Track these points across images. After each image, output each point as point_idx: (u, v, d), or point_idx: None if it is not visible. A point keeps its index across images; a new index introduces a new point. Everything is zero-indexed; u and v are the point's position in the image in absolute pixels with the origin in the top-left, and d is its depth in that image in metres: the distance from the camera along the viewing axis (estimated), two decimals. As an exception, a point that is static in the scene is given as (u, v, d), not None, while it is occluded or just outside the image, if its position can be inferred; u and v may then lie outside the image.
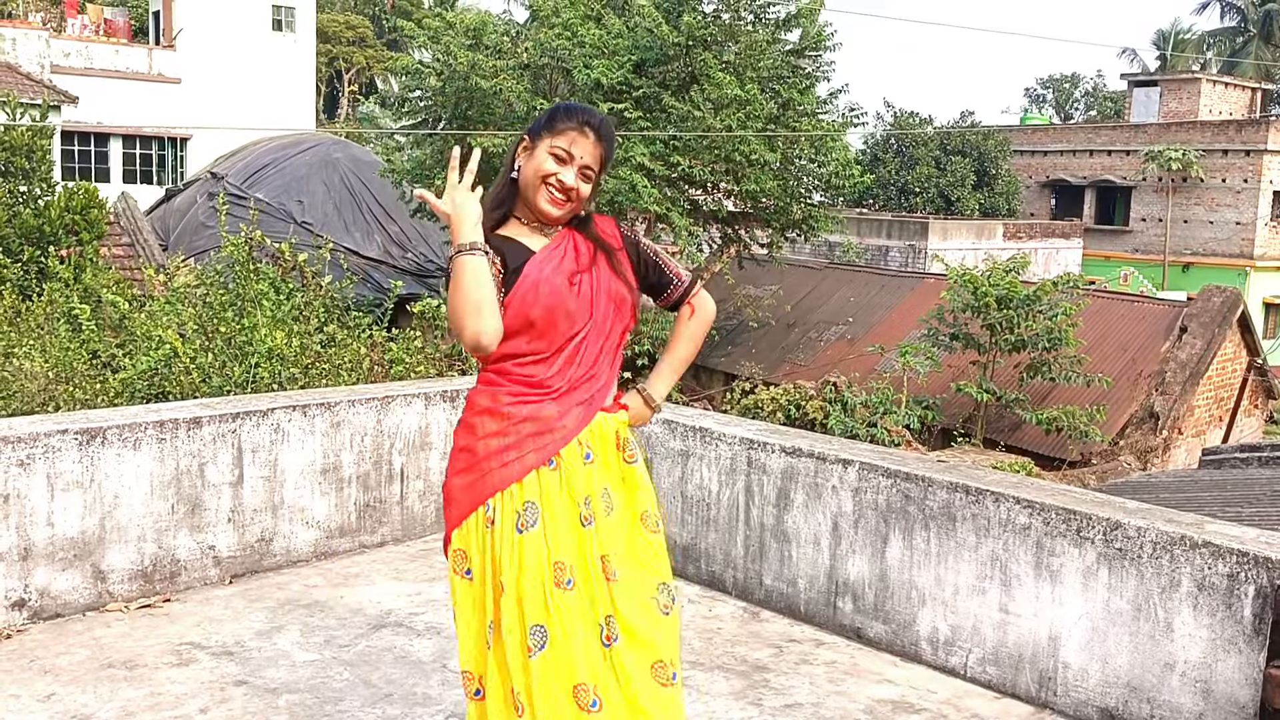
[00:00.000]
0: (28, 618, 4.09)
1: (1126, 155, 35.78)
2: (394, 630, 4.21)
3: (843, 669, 4.05)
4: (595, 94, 17.09)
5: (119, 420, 4.29)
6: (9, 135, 15.01)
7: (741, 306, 20.67)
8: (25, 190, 15.04)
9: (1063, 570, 3.76)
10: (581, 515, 2.54)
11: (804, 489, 4.45)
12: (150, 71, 28.26)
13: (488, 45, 18.75)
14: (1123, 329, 17.75)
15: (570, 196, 2.58)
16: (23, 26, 26.36)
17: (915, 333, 18.01)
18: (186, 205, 23.53)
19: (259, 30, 29.53)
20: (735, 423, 5.01)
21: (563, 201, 2.58)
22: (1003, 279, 16.10)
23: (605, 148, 2.59)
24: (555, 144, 2.56)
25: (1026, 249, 27.17)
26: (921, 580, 4.09)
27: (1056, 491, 3.99)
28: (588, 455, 2.58)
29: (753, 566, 4.64)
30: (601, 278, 2.62)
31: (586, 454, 2.58)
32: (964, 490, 3.97)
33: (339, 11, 47.84)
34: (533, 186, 2.58)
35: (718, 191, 19.13)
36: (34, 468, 4.06)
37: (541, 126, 2.61)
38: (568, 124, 2.57)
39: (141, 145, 27.93)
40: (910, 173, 35.69)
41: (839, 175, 19.20)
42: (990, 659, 3.93)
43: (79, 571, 4.20)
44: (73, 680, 3.68)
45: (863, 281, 22.23)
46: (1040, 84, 62.61)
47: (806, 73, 18.77)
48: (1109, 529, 3.66)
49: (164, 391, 8.55)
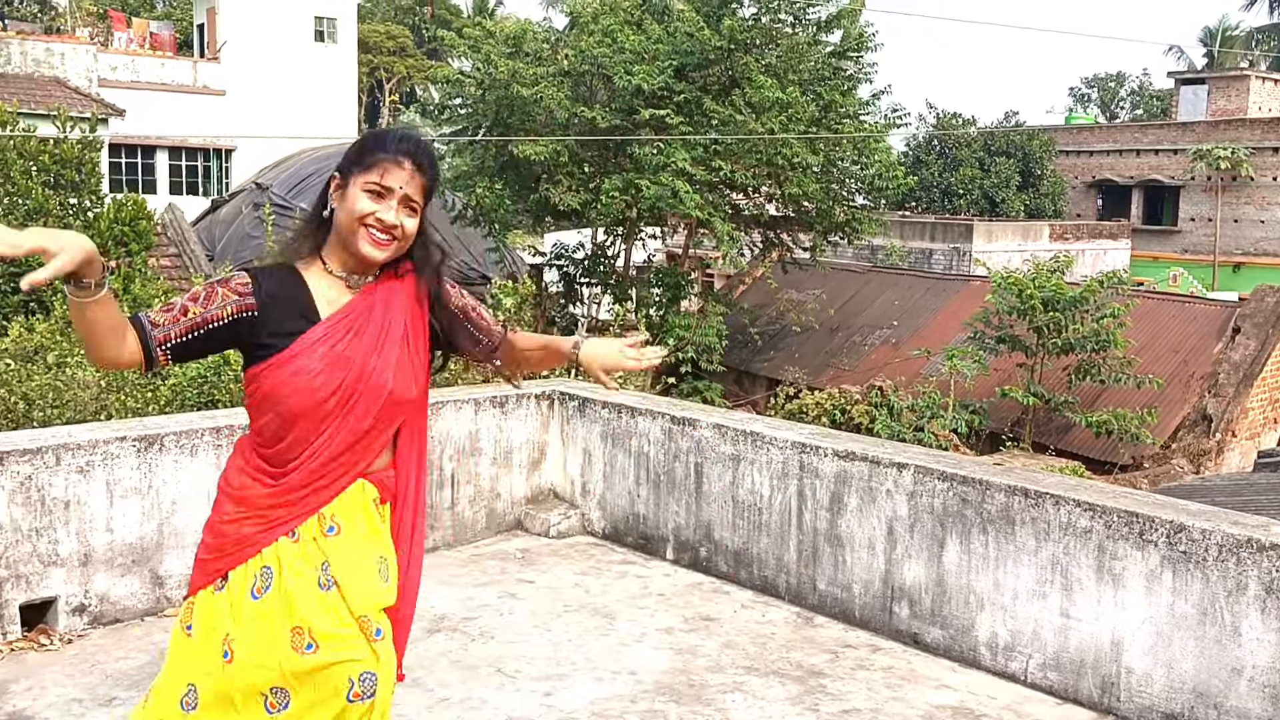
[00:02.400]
0: (88, 622, 4.14)
1: (1174, 154, 35.28)
2: (448, 635, 4.21)
3: (900, 675, 4.00)
4: (636, 99, 17.09)
5: (176, 427, 4.33)
6: (59, 148, 15.25)
7: (784, 311, 20.57)
8: (75, 202, 15.28)
9: (1125, 574, 3.69)
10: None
11: (857, 493, 4.40)
12: (195, 84, 28.64)
13: (528, 53, 18.81)
14: (1174, 330, 17.48)
15: (395, 235, 2.31)
16: (71, 41, 26.80)
17: (961, 336, 17.84)
18: (232, 216, 23.80)
19: (301, 41, 29.85)
20: (786, 426, 4.98)
21: (387, 242, 2.31)
22: (1048, 280, 15.92)
23: (427, 175, 2.36)
24: (368, 180, 2.29)
25: (1073, 250, 26.86)
26: (980, 585, 4.04)
27: (1118, 494, 3.93)
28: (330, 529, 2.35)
29: (806, 571, 4.60)
30: (387, 352, 2.34)
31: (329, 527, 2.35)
32: (1023, 493, 3.92)
33: (379, 22, 48.28)
34: (349, 230, 2.30)
35: (759, 195, 19.06)
36: (93, 475, 4.11)
37: (352, 162, 2.34)
38: (379, 155, 2.31)
39: (187, 157, 28.31)
40: (954, 174, 35.39)
41: (882, 177, 19.07)
42: (1051, 664, 3.87)
43: (137, 577, 4.24)
44: (133, 684, 3.71)
45: (907, 285, 22.06)
46: (1085, 83, 61.91)
47: (848, 74, 18.67)
48: (1173, 532, 3.59)
49: (213, 399, 8.65)
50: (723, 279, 24.22)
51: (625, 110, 17.54)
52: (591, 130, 17.64)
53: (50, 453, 4.02)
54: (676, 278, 19.25)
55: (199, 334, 2.26)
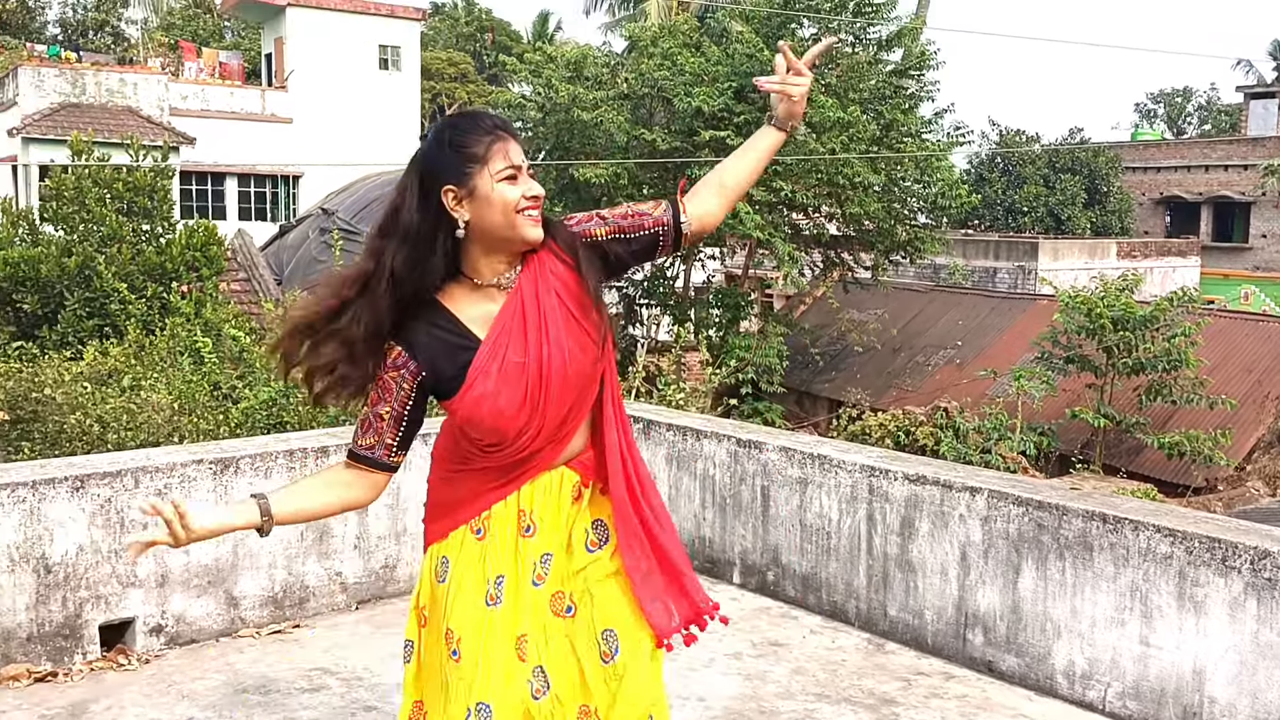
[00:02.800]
0: (165, 643, 4.21)
1: (1244, 170, 34.59)
2: (517, 658, 4.22)
3: (975, 703, 3.93)
4: (696, 121, 17.16)
5: (251, 450, 4.40)
6: (132, 176, 15.64)
7: (845, 331, 20.44)
8: (148, 229, 15.64)
9: (1207, 601, 3.60)
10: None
11: (929, 517, 4.35)
12: (263, 112, 29.22)
13: (588, 77, 18.97)
14: (1247, 349, 17.11)
15: (540, 203, 2.27)
16: (143, 72, 27.49)
17: (1027, 356, 17.60)
18: (299, 241, 24.20)
19: (366, 69, 30.34)
20: (854, 449, 4.93)
21: (539, 217, 2.26)
22: (1116, 299, 15.66)
23: (519, 138, 2.31)
24: (497, 170, 2.21)
25: (1142, 268, 26.38)
26: (1056, 612, 3.96)
27: (1198, 519, 3.84)
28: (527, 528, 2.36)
29: (876, 597, 4.55)
30: (555, 335, 2.27)
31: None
32: (1100, 518, 3.84)
33: (441, 49, 48.94)
34: (507, 226, 2.22)
35: (819, 215, 19.01)
36: (171, 497, 4.17)
37: (459, 166, 2.21)
38: (487, 140, 2.22)
39: (256, 183, 28.86)
40: (1018, 192, 34.99)
41: (944, 196, 18.94)
42: (1130, 693, 3.78)
43: (213, 598, 4.30)
44: (209, 705, 3.76)
45: (971, 304, 21.82)
46: (1151, 98, 60.99)
47: (909, 93, 18.59)
48: (1257, 558, 3.50)
49: (282, 421, 8.78)
50: (782, 299, 24.14)
51: (685, 132, 17.60)
52: (651, 152, 17.71)
53: (129, 475, 4.10)
54: (736, 298, 19.22)
55: (405, 423, 2.31)
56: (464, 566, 2.33)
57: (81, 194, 15.10)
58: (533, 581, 2.34)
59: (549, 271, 2.29)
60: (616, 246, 2.36)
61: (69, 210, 15.08)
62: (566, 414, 2.32)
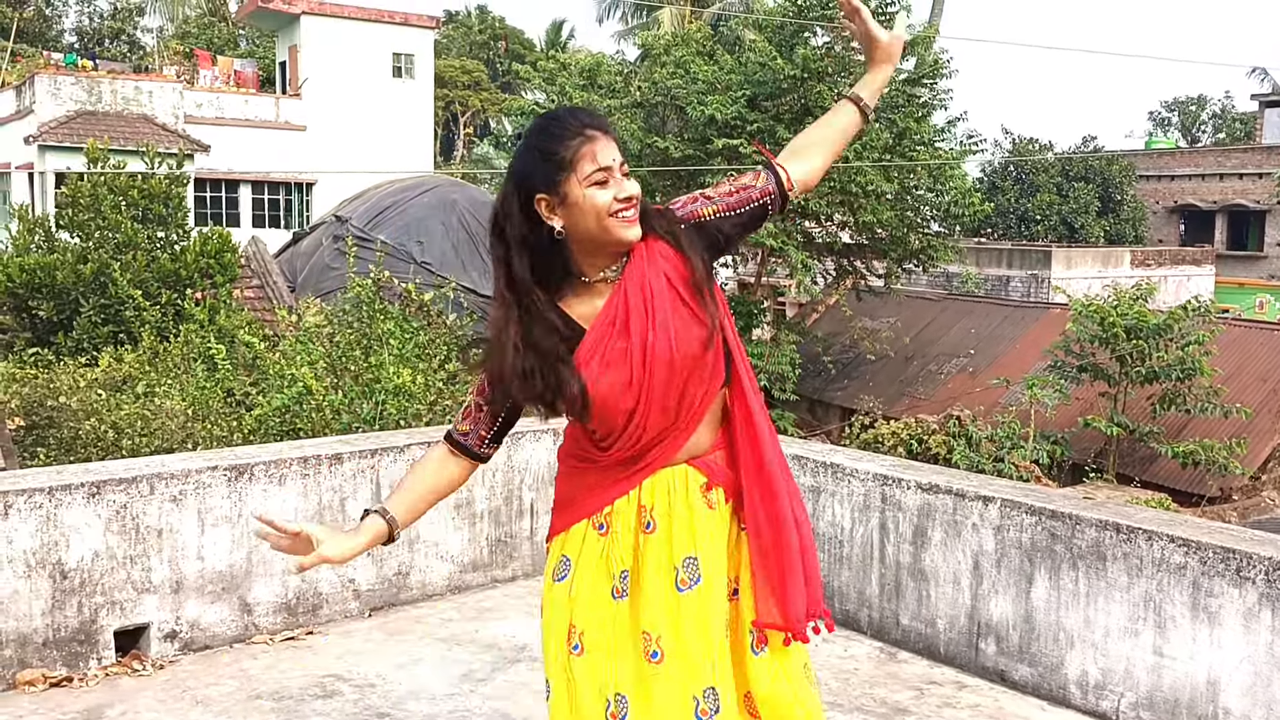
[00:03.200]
0: (179, 649, 4.22)
1: (1259, 178, 34.47)
2: (529, 665, 4.23)
3: (987, 713, 3.92)
4: (709, 129, 17.17)
5: (266, 457, 4.42)
6: (147, 183, 15.72)
7: (858, 339, 20.42)
8: (162, 236, 15.72)
9: (1221, 612, 3.59)
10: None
11: (942, 526, 4.34)
12: (277, 120, 29.34)
13: (602, 85, 19.02)
14: (1262, 358, 17.04)
15: (634, 205, 2.22)
16: (158, 79, 27.64)
17: (1040, 365, 17.55)
18: (313, 248, 24.27)
19: (380, 77, 30.44)
20: (867, 458, 4.93)
21: (635, 216, 2.23)
22: (1130, 308, 15.61)
23: (612, 131, 2.25)
24: (587, 175, 2.17)
25: (1155, 276, 26.29)
26: (1069, 621, 3.95)
27: (1213, 529, 3.83)
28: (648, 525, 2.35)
29: (888, 606, 4.54)
30: (662, 319, 2.24)
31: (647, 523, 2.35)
32: (1114, 528, 3.83)
33: (455, 57, 49.11)
34: (601, 230, 2.20)
35: (832, 223, 19.01)
36: (185, 503, 4.20)
37: (549, 173, 2.19)
38: (575, 143, 2.19)
39: (269, 191, 28.97)
40: (1030, 200, 34.92)
41: (957, 204, 18.91)
42: (1144, 703, 3.77)
43: (227, 604, 4.32)
44: (223, 711, 3.77)
45: (983, 312, 21.78)
46: (1165, 106, 60.83)
47: (922, 101, 18.59)
48: (1271, 568, 3.49)
49: (295, 428, 8.79)
50: (795, 307, 24.13)
51: (698, 140, 17.62)
52: (664, 160, 17.73)
53: (145, 482, 4.13)
54: (748, 306, 19.21)
55: (501, 420, 2.38)
56: (587, 563, 2.36)
57: (97, 201, 15.19)
58: (677, 586, 2.31)
59: (658, 256, 2.28)
60: (725, 224, 2.36)
61: (85, 217, 15.17)
62: (679, 400, 2.29)
